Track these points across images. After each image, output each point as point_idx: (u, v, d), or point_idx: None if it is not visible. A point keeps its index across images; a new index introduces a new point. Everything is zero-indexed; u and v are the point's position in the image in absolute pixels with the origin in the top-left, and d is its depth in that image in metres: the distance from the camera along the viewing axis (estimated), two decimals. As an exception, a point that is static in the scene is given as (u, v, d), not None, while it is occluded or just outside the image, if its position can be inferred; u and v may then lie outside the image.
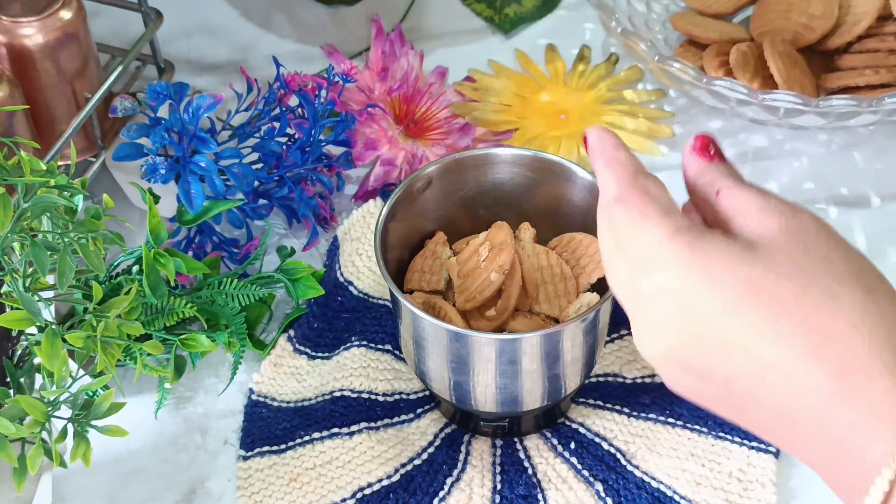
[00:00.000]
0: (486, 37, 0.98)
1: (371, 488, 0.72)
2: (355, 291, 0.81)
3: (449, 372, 0.69)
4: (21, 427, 0.62)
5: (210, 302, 0.76)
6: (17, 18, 0.80)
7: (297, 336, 0.79)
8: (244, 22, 1.00)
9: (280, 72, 0.83)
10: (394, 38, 0.91)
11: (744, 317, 0.50)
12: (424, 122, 0.89)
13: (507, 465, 0.73)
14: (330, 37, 0.97)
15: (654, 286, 0.52)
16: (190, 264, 0.73)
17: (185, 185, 0.77)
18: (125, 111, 0.80)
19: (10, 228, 0.61)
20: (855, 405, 0.48)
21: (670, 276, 0.52)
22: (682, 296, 0.51)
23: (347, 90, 0.87)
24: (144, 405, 0.76)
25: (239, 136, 0.82)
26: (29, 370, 0.69)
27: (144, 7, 0.88)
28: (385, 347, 0.78)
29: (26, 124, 0.81)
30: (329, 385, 0.76)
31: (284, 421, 0.75)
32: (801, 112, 0.85)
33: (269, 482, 0.73)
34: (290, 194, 0.82)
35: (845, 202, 0.86)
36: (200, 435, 0.76)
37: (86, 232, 0.64)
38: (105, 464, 0.73)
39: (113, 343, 0.65)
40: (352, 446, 0.73)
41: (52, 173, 0.64)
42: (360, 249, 0.83)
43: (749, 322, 0.50)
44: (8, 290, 0.64)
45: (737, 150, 0.89)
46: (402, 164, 0.86)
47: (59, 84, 0.83)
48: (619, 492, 0.71)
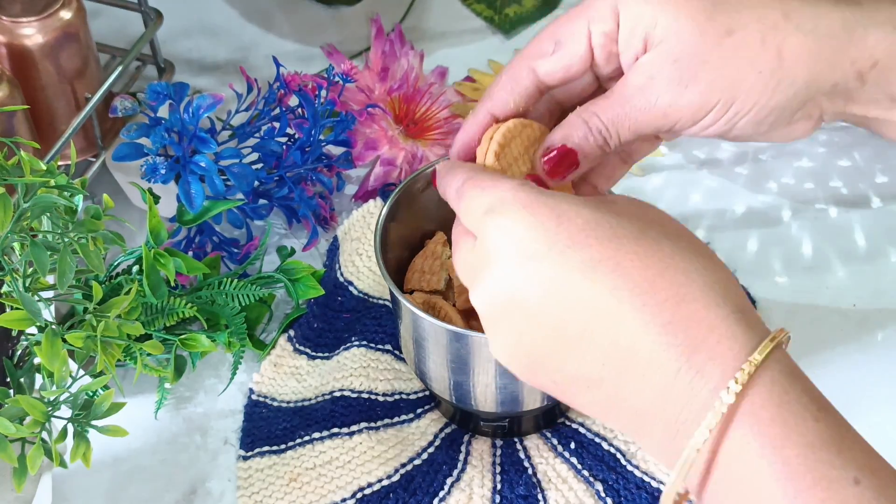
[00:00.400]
0: (486, 37, 0.98)
1: (371, 488, 0.72)
2: (355, 291, 0.81)
3: (449, 372, 0.69)
4: (21, 427, 0.62)
5: (210, 302, 0.76)
6: (17, 18, 0.80)
7: (297, 336, 0.79)
8: (244, 22, 1.00)
9: (280, 72, 0.83)
10: (394, 38, 0.91)
11: (582, 251, 0.52)
12: (424, 122, 0.89)
13: (507, 465, 0.73)
14: (330, 37, 0.97)
15: (497, 228, 0.54)
16: (190, 264, 0.73)
17: (185, 185, 0.77)
18: (125, 111, 0.80)
19: (10, 228, 0.61)
20: (680, 347, 0.50)
21: (513, 214, 0.54)
22: (521, 232, 0.53)
23: (347, 90, 0.87)
24: (144, 405, 0.76)
25: (239, 136, 0.82)
26: (29, 370, 0.69)
27: (144, 7, 0.88)
28: (385, 347, 0.78)
29: (26, 124, 0.81)
30: (329, 385, 0.76)
31: (284, 421, 0.75)
32: (801, 112, 0.85)
33: (269, 482, 0.73)
34: (290, 194, 0.82)
35: (845, 202, 0.86)
36: (200, 435, 0.76)
37: (86, 232, 0.64)
38: (105, 464, 0.73)
39: (113, 343, 0.65)
40: (352, 446, 0.73)
41: (52, 173, 0.64)
42: (360, 249, 0.83)
43: (586, 257, 0.52)
44: (8, 290, 0.64)
45: (737, 149, 0.89)
46: (402, 164, 0.86)
47: (59, 84, 0.83)
48: (619, 492, 0.71)
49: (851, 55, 0.58)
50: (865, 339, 0.79)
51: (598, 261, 0.52)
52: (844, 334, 0.79)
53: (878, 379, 0.77)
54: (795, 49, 0.57)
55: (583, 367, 0.52)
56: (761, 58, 0.57)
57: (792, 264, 0.83)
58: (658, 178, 0.88)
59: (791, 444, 0.47)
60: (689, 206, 0.86)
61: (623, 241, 0.52)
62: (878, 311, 0.80)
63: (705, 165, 0.88)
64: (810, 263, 0.83)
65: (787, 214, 0.86)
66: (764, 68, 0.58)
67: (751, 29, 0.57)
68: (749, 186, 0.87)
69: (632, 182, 0.87)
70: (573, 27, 0.61)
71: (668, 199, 0.86)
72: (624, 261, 0.51)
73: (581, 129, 0.61)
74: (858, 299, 0.81)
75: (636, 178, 0.87)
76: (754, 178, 0.88)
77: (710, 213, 0.86)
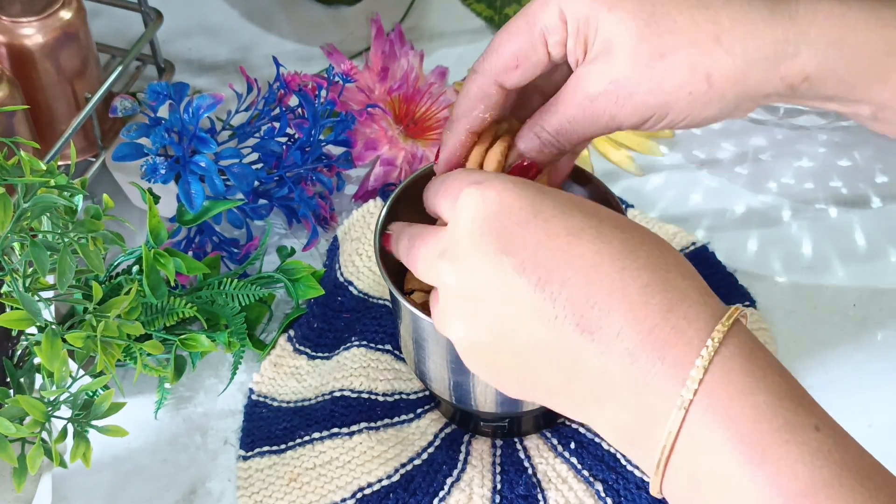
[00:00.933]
0: (486, 37, 0.98)
1: (371, 488, 0.72)
2: (355, 291, 0.81)
3: (449, 372, 0.69)
4: (21, 427, 0.62)
5: (210, 302, 0.76)
6: (17, 18, 0.80)
7: (297, 336, 0.79)
8: (244, 22, 1.00)
9: (280, 72, 0.83)
10: (394, 38, 0.91)
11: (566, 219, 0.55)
12: (424, 122, 0.89)
13: (507, 465, 0.73)
14: (330, 37, 0.97)
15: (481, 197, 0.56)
16: (190, 264, 0.73)
17: (185, 185, 0.77)
18: (125, 111, 0.80)
19: (10, 228, 0.61)
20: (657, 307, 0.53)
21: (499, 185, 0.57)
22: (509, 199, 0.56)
23: (347, 90, 0.87)
24: (144, 405, 0.76)
25: (239, 136, 0.82)
26: (29, 370, 0.69)
27: (144, 7, 0.88)
28: (385, 347, 0.78)
29: (26, 124, 0.81)
30: (329, 385, 0.76)
31: (284, 421, 0.75)
32: (801, 112, 0.85)
33: (269, 482, 0.73)
34: (290, 194, 0.82)
35: (845, 202, 0.86)
36: (200, 435, 0.76)
37: (86, 232, 0.64)
38: (105, 464, 0.73)
39: (113, 343, 0.65)
40: (352, 446, 0.73)
41: (52, 173, 0.64)
42: (360, 249, 0.83)
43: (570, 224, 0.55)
44: (8, 290, 0.64)
45: (737, 149, 0.89)
46: (402, 164, 0.86)
47: (59, 84, 0.83)
48: (619, 492, 0.71)
49: (782, 72, 0.60)
50: (865, 339, 0.79)
51: (581, 228, 0.55)
52: (844, 334, 0.79)
53: (877, 379, 0.77)
54: (725, 73, 0.60)
55: (552, 329, 0.54)
56: (691, 82, 0.60)
57: (792, 264, 0.83)
58: (658, 178, 0.88)
59: (759, 391, 0.51)
60: (689, 206, 0.86)
61: (603, 217, 0.56)
62: (878, 311, 0.80)
63: (705, 165, 0.88)
64: (810, 263, 0.83)
65: (787, 214, 0.86)
66: (694, 90, 0.60)
67: (681, 54, 0.60)
68: (749, 186, 0.87)
69: (632, 182, 0.87)
70: (531, 41, 0.63)
71: (668, 199, 0.86)
72: (605, 230, 0.55)
73: (534, 142, 0.64)
74: (858, 299, 0.81)
75: (636, 178, 0.87)
76: (754, 178, 0.88)
77: (710, 213, 0.86)
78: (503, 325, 0.55)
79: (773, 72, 0.60)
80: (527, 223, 0.55)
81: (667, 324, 0.52)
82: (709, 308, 0.53)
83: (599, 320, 0.53)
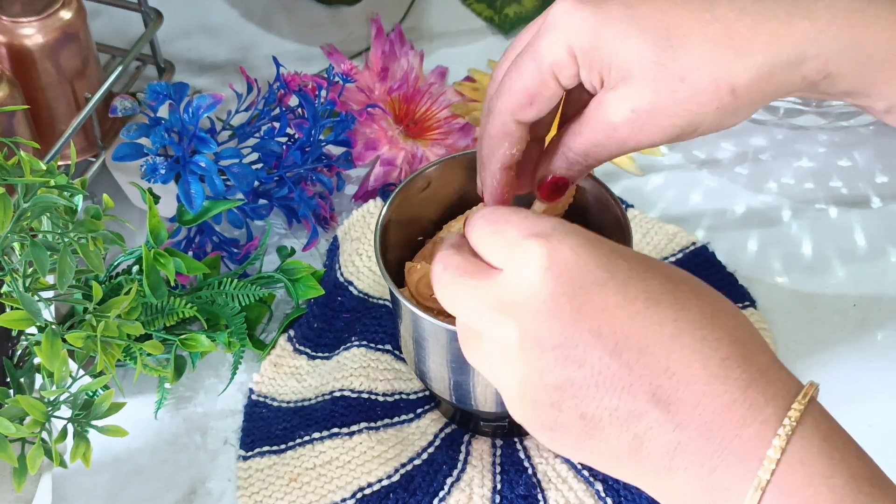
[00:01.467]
0: (486, 37, 0.98)
1: (371, 488, 0.72)
2: (355, 291, 0.81)
3: (449, 372, 0.69)
4: (21, 427, 0.62)
5: (210, 302, 0.76)
6: (17, 18, 0.80)
7: (297, 336, 0.79)
8: (244, 22, 1.00)
9: (280, 72, 0.83)
10: (394, 38, 0.91)
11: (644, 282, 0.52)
12: (424, 122, 0.89)
13: (507, 465, 0.73)
14: (330, 37, 0.97)
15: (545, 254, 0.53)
16: (190, 264, 0.73)
17: (185, 185, 0.77)
18: (125, 111, 0.80)
19: (10, 228, 0.61)
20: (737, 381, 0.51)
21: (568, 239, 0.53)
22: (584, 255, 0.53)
23: (347, 90, 0.87)
24: (144, 405, 0.76)
25: (239, 136, 0.82)
26: (29, 370, 0.69)
27: (144, 7, 0.88)
28: (385, 347, 0.78)
29: (26, 124, 0.81)
30: (329, 385, 0.76)
31: (284, 421, 0.75)
32: (801, 112, 0.85)
33: (269, 482, 0.73)
34: (290, 194, 0.82)
35: (845, 202, 0.86)
36: (200, 435, 0.76)
37: (86, 232, 0.64)
38: (105, 464, 0.73)
39: (113, 343, 0.65)
40: (352, 446, 0.73)
41: (52, 173, 0.64)
42: (360, 249, 0.83)
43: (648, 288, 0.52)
44: (8, 290, 0.64)
45: (737, 149, 0.89)
46: (402, 164, 0.86)
47: (59, 84, 0.83)
48: (618, 492, 0.71)
49: (803, 72, 0.59)
50: (865, 339, 0.79)
51: (659, 293, 0.52)
52: (844, 334, 0.79)
53: (877, 379, 0.77)
54: (749, 83, 0.59)
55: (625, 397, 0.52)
56: (716, 98, 0.59)
57: (792, 264, 0.83)
58: (658, 178, 0.88)
59: (837, 474, 0.49)
60: (689, 206, 0.86)
61: (678, 280, 0.53)
62: (878, 311, 0.80)
63: (705, 165, 0.88)
64: (810, 263, 0.83)
65: (787, 214, 0.86)
66: (721, 104, 0.59)
67: (702, 73, 0.59)
68: (749, 186, 0.87)
69: (632, 182, 0.87)
70: (541, 78, 0.62)
71: (668, 199, 0.86)
72: (682, 297, 0.52)
73: (562, 161, 0.64)
74: (858, 299, 0.81)
75: (636, 179, 0.87)
76: (754, 178, 0.88)
77: (710, 213, 0.86)
78: (571, 387, 0.53)
79: (795, 73, 0.59)
80: (604, 285, 0.52)
81: (746, 399, 0.51)
82: (786, 385, 0.51)
83: (677, 392, 0.51)
